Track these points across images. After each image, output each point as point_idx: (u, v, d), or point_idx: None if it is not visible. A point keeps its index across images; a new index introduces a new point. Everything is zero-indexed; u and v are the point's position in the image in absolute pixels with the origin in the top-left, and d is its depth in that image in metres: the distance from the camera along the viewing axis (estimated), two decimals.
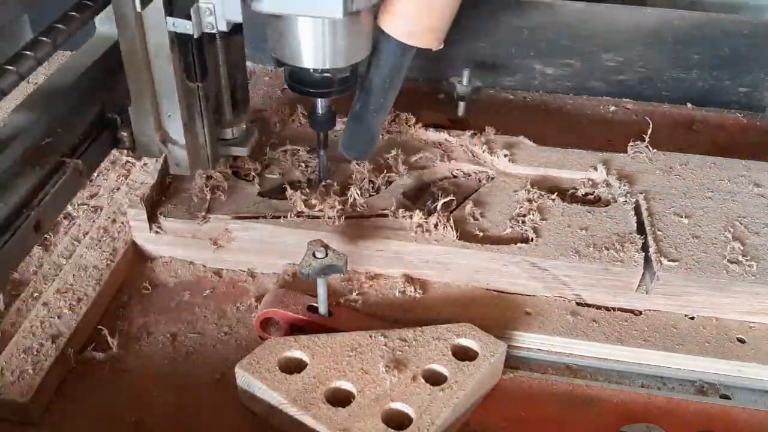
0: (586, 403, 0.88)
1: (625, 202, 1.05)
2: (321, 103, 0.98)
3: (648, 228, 0.99)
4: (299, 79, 0.94)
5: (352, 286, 0.99)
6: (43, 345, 0.86)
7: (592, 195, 1.09)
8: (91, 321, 0.93)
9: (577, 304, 0.97)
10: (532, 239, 0.98)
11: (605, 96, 1.42)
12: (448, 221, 0.98)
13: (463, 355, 0.85)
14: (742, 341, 0.93)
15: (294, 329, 0.92)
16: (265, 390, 0.81)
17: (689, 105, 1.41)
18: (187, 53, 0.90)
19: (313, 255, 0.87)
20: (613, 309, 0.96)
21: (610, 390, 0.89)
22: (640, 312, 0.96)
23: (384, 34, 0.90)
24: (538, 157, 1.12)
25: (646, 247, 0.97)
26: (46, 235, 1.05)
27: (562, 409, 0.87)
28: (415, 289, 0.98)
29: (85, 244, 1.01)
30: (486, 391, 0.87)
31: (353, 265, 0.99)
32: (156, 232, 1.01)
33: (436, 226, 0.98)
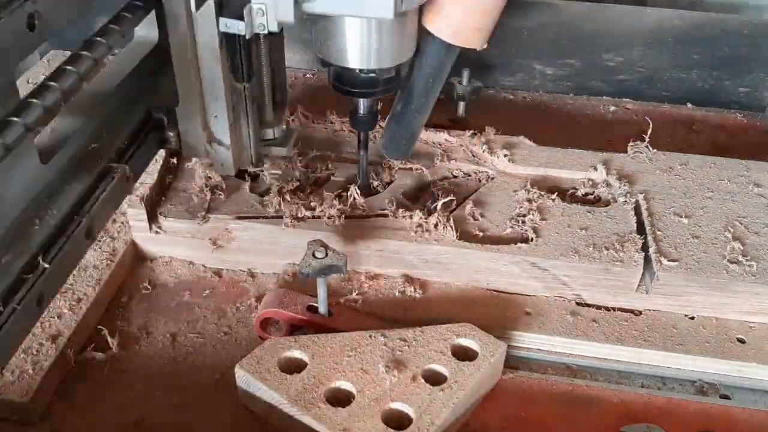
0: (586, 403, 0.88)
1: (625, 202, 1.05)
2: (363, 104, 0.97)
3: (648, 228, 0.99)
4: (344, 79, 0.93)
5: (352, 286, 0.99)
6: (43, 345, 0.86)
7: (592, 195, 1.09)
8: (90, 321, 0.93)
9: (577, 304, 0.97)
10: (532, 239, 0.98)
11: (605, 96, 1.42)
12: (448, 221, 0.98)
13: (463, 355, 0.85)
14: (742, 341, 0.93)
15: (294, 329, 0.92)
16: (265, 390, 0.81)
17: (689, 105, 1.40)
18: (235, 54, 0.90)
19: (313, 255, 0.87)
20: (613, 309, 0.96)
21: (610, 390, 0.89)
22: (640, 312, 0.96)
23: (428, 34, 0.90)
24: (538, 157, 1.12)
25: (646, 247, 0.97)
26: None
27: (562, 409, 0.87)
28: (415, 289, 0.98)
29: None
30: (486, 391, 0.87)
31: (353, 265, 0.99)
32: (156, 232, 1.01)
33: (436, 226, 0.98)
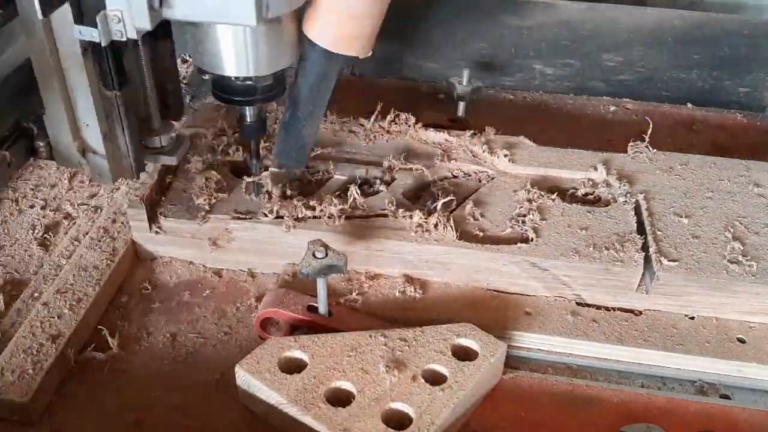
0: (586, 403, 0.88)
1: (625, 202, 1.05)
2: (249, 111, 0.95)
3: (648, 228, 0.99)
4: (223, 88, 0.91)
5: (352, 286, 0.99)
6: (43, 345, 0.86)
7: (592, 195, 1.09)
8: (91, 321, 0.93)
9: (577, 304, 0.97)
10: (532, 239, 0.98)
11: (605, 96, 1.42)
12: (448, 221, 0.98)
13: (463, 355, 0.85)
14: (742, 341, 0.93)
15: (294, 329, 0.92)
16: (265, 390, 0.81)
17: (689, 105, 1.40)
18: (103, 61, 0.86)
19: (313, 255, 0.87)
20: (613, 309, 0.96)
21: (610, 390, 0.89)
22: (640, 312, 0.96)
23: (309, 42, 0.88)
24: (538, 157, 1.12)
25: (646, 247, 0.97)
26: (46, 235, 1.06)
27: (562, 409, 0.87)
28: (415, 288, 0.98)
29: (85, 244, 1.01)
30: (486, 391, 0.87)
31: (353, 265, 0.99)
32: (156, 232, 1.01)
33: (436, 226, 0.98)
